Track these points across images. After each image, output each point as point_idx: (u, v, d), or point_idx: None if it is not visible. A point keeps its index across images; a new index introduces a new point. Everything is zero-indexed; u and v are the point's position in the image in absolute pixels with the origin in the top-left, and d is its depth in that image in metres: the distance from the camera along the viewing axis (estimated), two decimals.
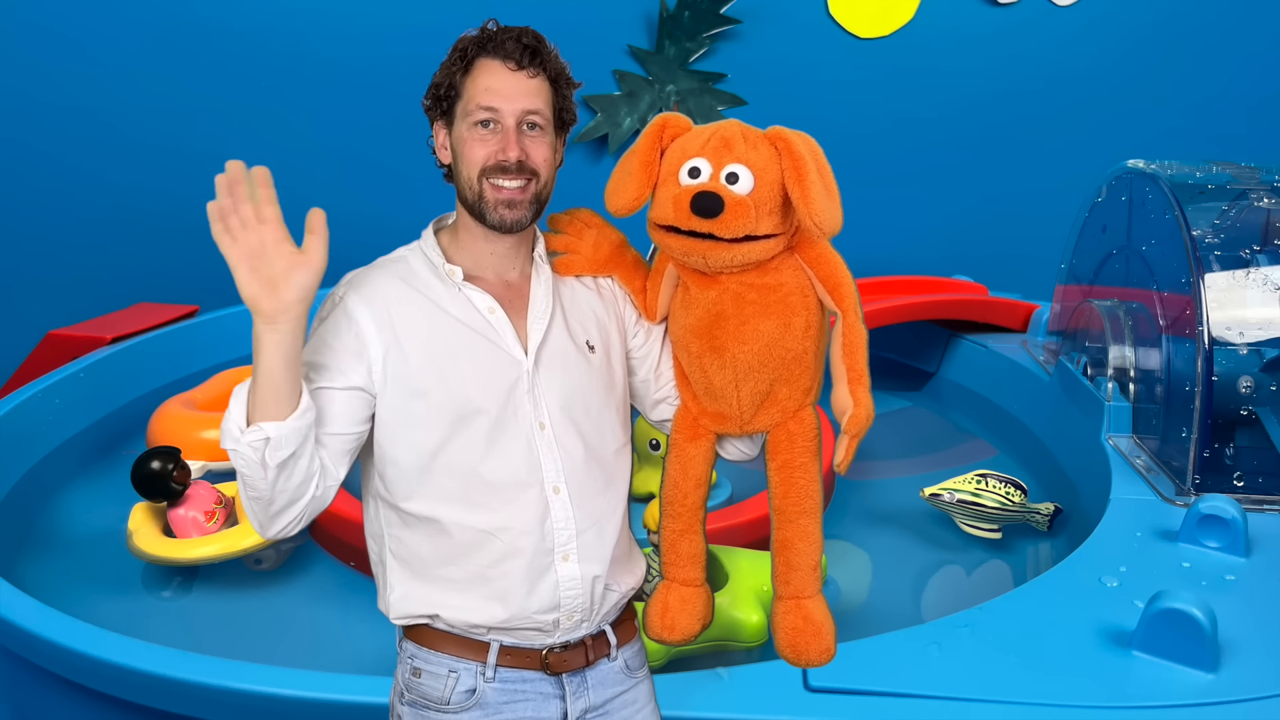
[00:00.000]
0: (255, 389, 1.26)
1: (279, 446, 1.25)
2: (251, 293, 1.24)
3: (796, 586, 1.47)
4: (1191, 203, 3.11)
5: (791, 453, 1.46)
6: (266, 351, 1.25)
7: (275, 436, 1.25)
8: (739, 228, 1.33)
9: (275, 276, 1.24)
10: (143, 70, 5.07)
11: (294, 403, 1.27)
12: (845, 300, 1.42)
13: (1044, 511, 3.15)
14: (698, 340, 1.44)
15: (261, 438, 1.25)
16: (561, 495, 1.41)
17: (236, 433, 1.26)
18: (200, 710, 2.10)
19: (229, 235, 1.24)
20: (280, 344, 1.25)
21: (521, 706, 1.42)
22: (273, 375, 1.25)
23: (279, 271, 1.24)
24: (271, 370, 1.25)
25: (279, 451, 1.26)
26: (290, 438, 1.26)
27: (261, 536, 1.36)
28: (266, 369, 1.25)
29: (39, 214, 5.17)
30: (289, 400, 1.26)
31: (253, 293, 1.24)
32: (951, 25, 5.43)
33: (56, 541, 3.18)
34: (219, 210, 1.23)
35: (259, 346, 1.25)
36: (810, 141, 1.37)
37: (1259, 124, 5.54)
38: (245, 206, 1.23)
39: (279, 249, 1.24)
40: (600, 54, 5.27)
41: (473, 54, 1.40)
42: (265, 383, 1.25)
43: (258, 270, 1.24)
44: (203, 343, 4.36)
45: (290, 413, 1.26)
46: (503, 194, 1.38)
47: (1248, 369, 2.88)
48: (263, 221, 1.24)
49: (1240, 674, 2.00)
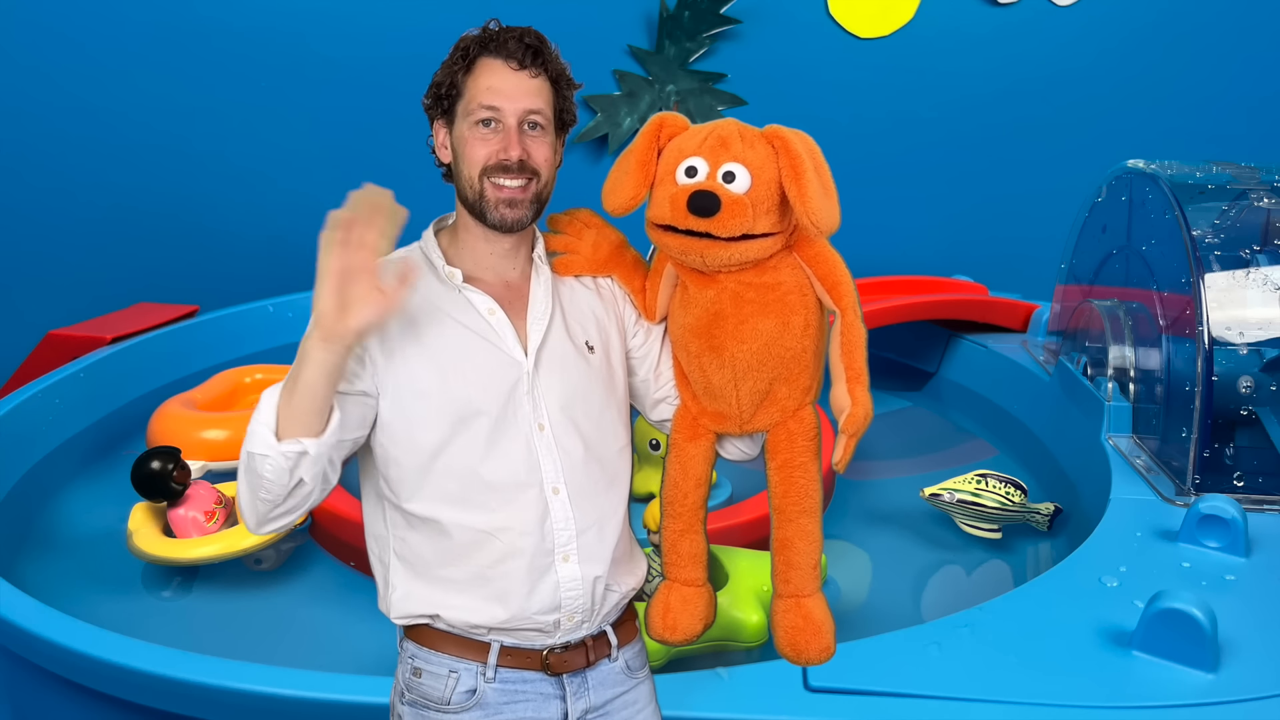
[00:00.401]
0: (292, 400, 1.26)
1: (315, 461, 1.27)
2: (326, 307, 1.24)
3: (796, 585, 1.47)
4: (1191, 203, 3.11)
5: (791, 452, 1.46)
6: (314, 366, 1.25)
7: (314, 453, 1.27)
8: (736, 227, 1.33)
9: (353, 301, 1.24)
10: (143, 70, 5.07)
11: (326, 417, 1.28)
12: (844, 299, 1.42)
13: (1044, 511, 3.15)
14: (696, 339, 1.44)
15: (299, 451, 1.26)
16: (561, 496, 1.41)
17: (271, 439, 1.26)
18: (200, 710, 2.10)
19: (335, 247, 1.23)
20: (329, 363, 1.26)
21: (522, 707, 1.42)
22: (314, 390, 1.26)
23: (358, 298, 1.24)
24: (314, 385, 1.26)
25: (313, 467, 1.27)
26: (324, 454, 1.28)
27: (250, 531, 1.37)
28: (309, 383, 1.26)
29: (39, 214, 5.17)
30: (323, 415, 1.28)
31: (327, 308, 1.24)
32: (951, 25, 5.43)
33: (56, 541, 3.18)
34: (338, 220, 1.23)
35: (306, 359, 1.25)
36: (807, 140, 1.37)
37: (1259, 124, 5.54)
38: (370, 231, 1.24)
39: (368, 278, 1.24)
40: (600, 54, 5.27)
41: (475, 53, 1.40)
42: (306, 396, 1.26)
43: (341, 289, 1.24)
44: (203, 343, 4.35)
45: (322, 427, 1.28)
46: (504, 193, 1.39)
47: (1248, 369, 2.88)
48: (367, 247, 1.24)
49: (1240, 674, 2.00)
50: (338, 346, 1.25)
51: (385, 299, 1.25)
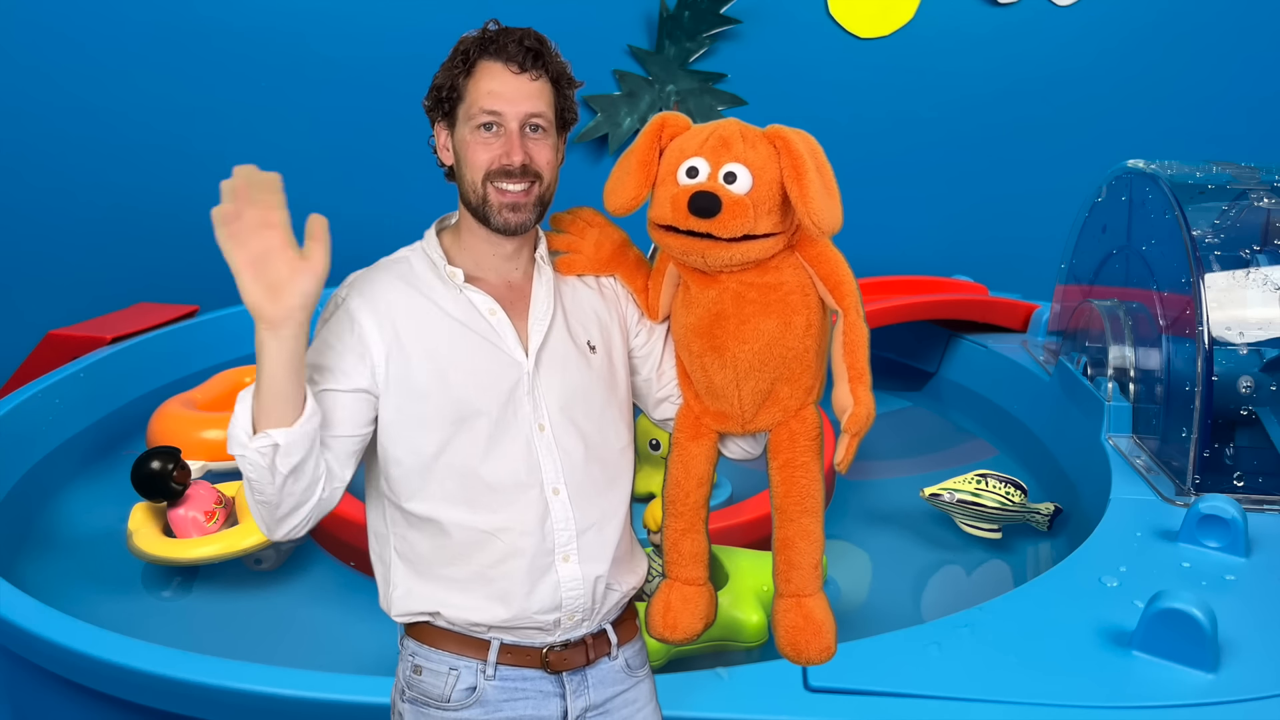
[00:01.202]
0: (259, 394, 1.26)
1: (288, 453, 1.26)
2: (255, 298, 1.23)
3: (797, 585, 1.47)
4: (1191, 203, 3.11)
5: (793, 451, 1.46)
6: (270, 357, 1.24)
7: (284, 443, 1.25)
8: (737, 227, 1.33)
9: (278, 282, 1.23)
10: (143, 70, 5.07)
11: (299, 407, 1.27)
12: (846, 298, 1.42)
13: (1044, 511, 3.15)
14: (698, 339, 1.44)
15: (270, 444, 1.25)
16: (561, 496, 1.41)
17: (244, 438, 1.26)
18: (200, 710, 2.10)
19: (233, 240, 1.22)
20: (283, 349, 1.24)
21: (522, 704, 1.42)
22: (276, 380, 1.25)
23: (282, 277, 1.23)
24: (275, 375, 1.25)
25: (288, 458, 1.26)
26: (298, 443, 1.26)
27: (268, 538, 1.36)
28: (270, 374, 1.25)
29: (39, 214, 5.17)
30: (294, 405, 1.26)
31: (256, 298, 1.23)
32: (951, 25, 5.43)
33: (56, 541, 3.18)
34: (224, 215, 1.22)
35: (262, 352, 1.25)
36: (809, 140, 1.37)
37: (1259, 124, 5.54)
38: (251, 211, 1.22)
39: (283, 255, 1.23)
40: (600, 54, 5.27)
41: (474, 56, 1.39)
42: (269, 388, 1.25)
43: (261, 276, 1.23)
44: (203, 343, 4.36)
45: (296, 418, 1.26)
46: (507, 197, 1.38)
47: (1248, 369, 2.88)
48: (268, 227, 1.23)
49: (1240, 674, 2.00)
50: (285, 331, 1.24)
51: (310, 263, 1.24)
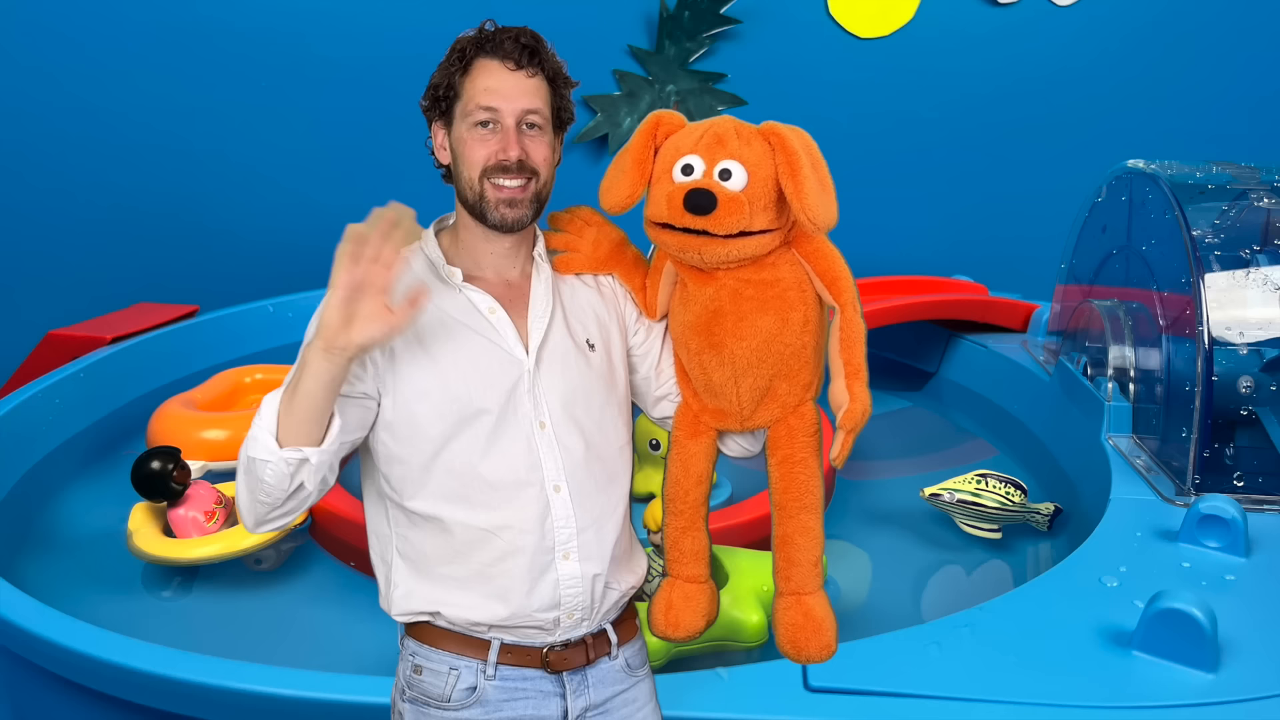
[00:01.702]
0: (293, 408, 1.27)
1: (315, 471, 1.28)
2: (331, 319, 1.24)
3: (797, 582, 1.47)
4: (1191, 203, 3.11)
5: (792, 448, 1.46)
6: (314, 377, 1.26)
7: (316, 462, 1.28)
8: (733, 224, 1.33)
9: (359, 317, 1.24)
10: (143, 70, 5.07)
11: (325, 425, 1.29)
12: (843, 295, 1.42)
13: (1044, 511, 3.15)
14: (696, 337, 1.44)
15: (300, 458, 1.27)
16: (562, 494, 1.41)
17: (273, 445, 1.27)
18: (200, 710, 2.10)
19: (351, 259, 1.23)
20: (328, 373, 1.26)
21: (522, 704, 1.42)
22: (314, 399, 1.27)
23: (364, 315, 1.24)
24: (314, 394, 1.26)
25: (313, 475, 1.29)
26: (325, 462, 1.29)
27: (247, 530, 1.38)
28: (309, 392, 1.26)
29: (39, 214, 5.17)
30: (322, 424, 1.29)
31: (332, 319, 1.24)
32: (951, 25, 5.43)
33: (56, 541, 3.18)
34: (357, 234, 1.24)
35: (307, 368, 1.26)
36: (804, 136, 1.37)
37: (1259, 124, 5.54)
38: (380, 244, 1.24)
39: (377, 296, 1.25)
40: (600, 54, 5.27)
41: (471, 54, 1.40)
42: (305, 405, 1.27)
43: (349, 302, 1.24)
44: (203, 343, 4.35)
45: (322, 436, 1.28)
46: (503, 193, 1.39)
47: (1248, 369, 2.88)
48: (383, 265, 1.24)
49: (1240, 674, 2.00)
50: (338, 358, 1.25)
51: (392, 319, 1.25)
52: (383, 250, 1.24)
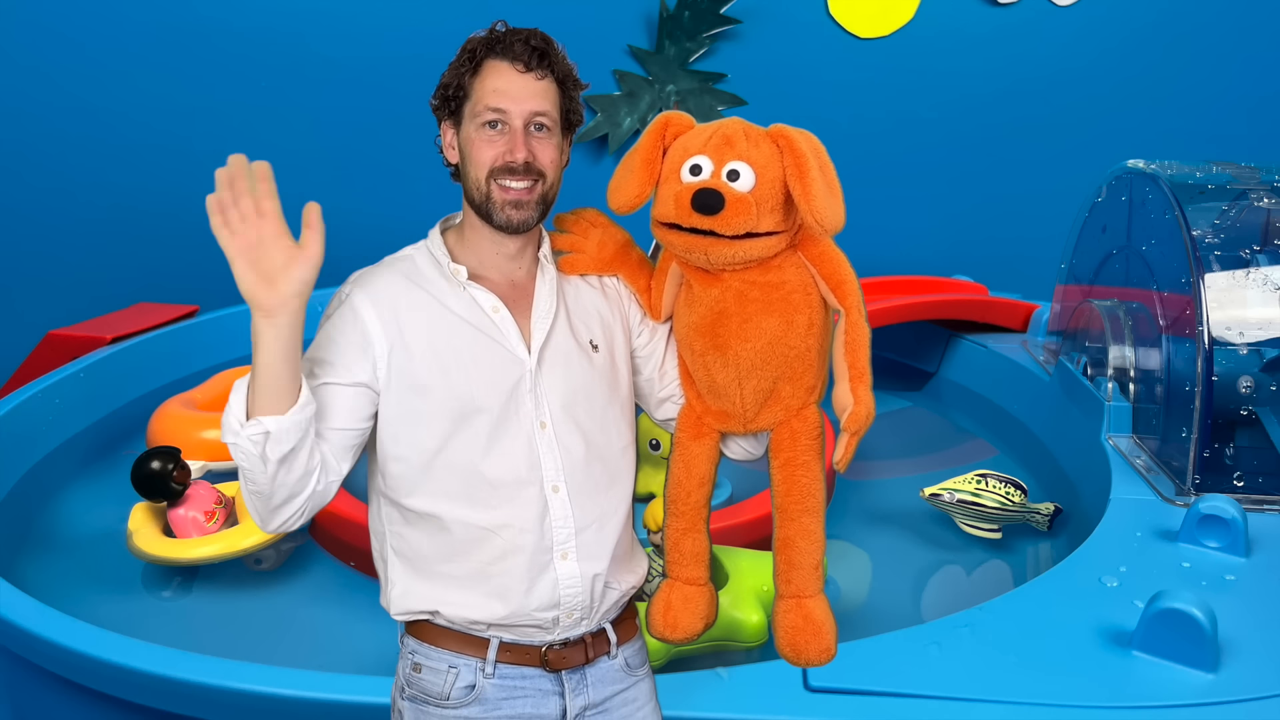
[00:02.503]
0: (254, 383, 1.27)
1: (279, 441, 1.26)
2: (249, 287, 1.24)
3: (798, 585, 1.47)
4: (1191, 203, 3.11)
5: (794, 450, 1.46)
6: (265, 345, 1.25)
7: (275, 431, 1.26)
8: (740, 224, 1.34)
9: (273, 271, 1.24)
10: (143, 70, 5.07)
11: (293, 397, 1.28)
12: (848, 298, 1.42)
13: (1044, 511, 3.15)
14: (701, 338, 1.44)
15: (261, 431, 1.25)
16: (560, 494, 1.41)
17: (236, 426, 1.27)
18: (200, 710, 2.10)
19: (227, 229, 1.24)
20: (278, 338, 1.25)
21: (521, 703, 1.43)
22: (271, 369, 1.26)
23: (277, 266, 1.24)
24: (270, 364, 1.25)
25: (279, 446, 1.26)
26: (290, 432, 1.27)
27: (263, 530, 1.37)
28: (265, 362, 1.26)
29: (39, 214, 5.17)
30: (288, 394, 1.27)
31: (250, 286, 1.24)
32: (951, 25, 5.43)
33: (56, 541, 3.17)
34: (218, 203, 1.24)
35: (257, 340, 1.26)
36: (813, 139, 1.37)
37: (1259, 124, 5.54)
38: (245, 200, 1.24)
39: (277, 244, 1.25)
40: (600, 54, 5.27)
41: (481, 55, 1.41)
42: (264, 376, 1.26)
43: (256, 264, 1.24)
44: (203, 343, 4.35)
45: (290, 407, 1.27)
46: (510, 194, 1.39)
47: (1248, 369, 2.88)
48: (261, 215, 1.24)
49: (1240, 674, 2.00)
50: (280, 319, 1.25)
51: (305, 251, 1.26)
52: (261, 203, 1.24)
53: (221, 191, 1.23)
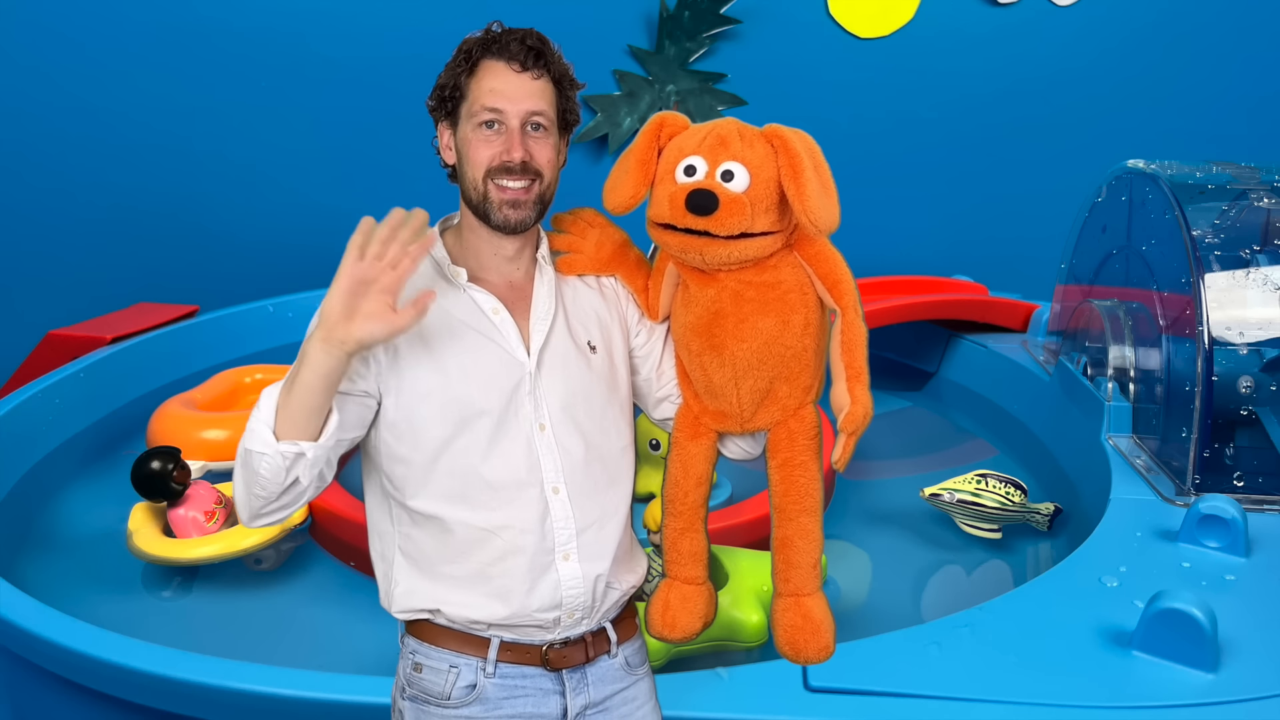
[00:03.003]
0: (290, 401, 1.27)
1: (311, 465, 1.28)
2: (333, 310, 1.25)
3: (796, 584, 1.47)
4: (1191, 203, 3.11)
5: (792, 450, 1.47)
6: (313, 369, 1.26)
7: (312, 457, 1.28)
8: (734, 225, 1.34)
9: (360, 312, 1.25)
10: (143, 70, 5.07)
11: (323, 420, 1.29)
12: (845, 297, 1.42)
13: (1044, 511, 3.15)
14: (697, 338, 1.44)
15: (296, 452, 1.27)
16: (561, 495, 1.41)
17: (270, 438, 1.27)
18: (200, 710, 2.10)
19: (359, 254, 1.24)
20: (328, 365, 1.26)
21: (521, 702, 1.43)
22: (313, 392, 1.27)
23: (367, 311, 1.25)
24: (313, 387, 1.26)
25: (309, 469, 1.28)
26: (322, 457, 1.29)
27: (246, 526, 1.37)
28: (308, 385, 1.26)
29: (39, 214, 5.17)
30: (320, 417, 1.29)
31: (334, 311, 1.25)
32: (951, 25, 5.43)
33: (56, 541, 3.18)
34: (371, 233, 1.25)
35: (305, 359, 1.26)
36: (807, 139, 1.37)
37: (1259, 124, 5.54)
38: (395, 246, 1.25)
39: (382, 295, 1.25)
40: (600, 54, 5.27)
41: (477, 55, 1.41)
42: (303, 398, 1.27)
43: (354, 296, 1.25)
44: (203, 343, 4.35)
45: (319, 430, 1.28)
46: (507, 194, 1.39)
47: (1248, 369, 2.88)
48: (393, 266, 1.25)
49: (1240, 674, 2.00)
50: (337, 352, 1.25)
51: (395, 319, 1.26)
52: (391, 250, 1.25)
53: (384, 229, 1.25)
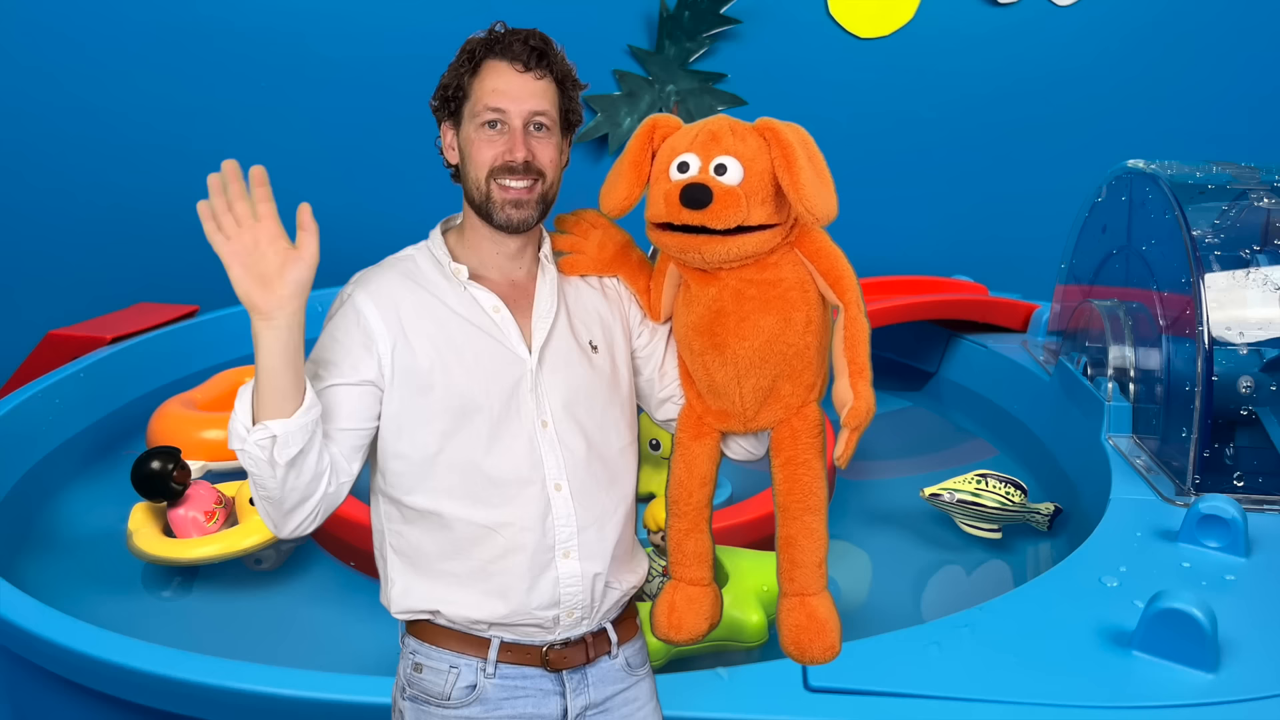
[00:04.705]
0: (258, 388, 1.27)
1: (286, 444, 1.26)
2: (246, 290, 1.25)
3: (801, 584, 1.47)
4: (1191, 203, 3.11)
5: (795, 449, 1.46)
6: (265, 349, 1.25)
7: (282, 434, 1.26)
8: (730, 218, 1.34)
9: (269, 273, 1.25)
10: (143, 70, 5.07)
11: (298, 399, 1.28)
12: (847, 293, 1.42)
13: (1044, 511, 3.15)
14: (699, 338, 1.44)
15: (268, 436, 1.25)
16: (563, 492, 1.41)
17: (243, 431, 1.27)
18: (200, 710, 2.10)
19: (222, 234, 1.25)
20: (278, 340, 1.25)
21: (522, 703, 1.43)
22: (274, 372, 1.26)
23: (273, 268, 1.25)
24: (272, 367, 1.25)
25: (286, 449, 1.26)
26: (297, 435, 1.27)
27: (276, 535, 1.37)
28: (267, 366, 1.25)
29: (39, 214, 5.17)
30: (292, 397, 1.27)
31: (247, 290, 1.25)
32: (951, 25, 5.43)
33: (56, 541, 3.18)
34: (210, 209, 1.24)
35: (258, 344, 1.26)
36: (800, 130, 1.37)
37: (1259, 124, 5.54)
38: (240, 204, 1.25)
39: (273, 246, 1.25)
40: (600, 54, 5.27)
41: (480, 55, 1.41)
42: (267, 380, 1.26)
43: (251, 268, 1.25)
44: (203, 343, 4.36)
45: (295, 409, 1.27)
46: (510, 194, 1.39)
47: (1248, 369, 2.88)
48: (258, 219, 1.25)
49: (1240, 674, 2.00)
50: (279, 321, 1.25)
51: (300, 253, 1.26)
52: (256, 206, 1.24)
53: (215, 198, 1.24)
